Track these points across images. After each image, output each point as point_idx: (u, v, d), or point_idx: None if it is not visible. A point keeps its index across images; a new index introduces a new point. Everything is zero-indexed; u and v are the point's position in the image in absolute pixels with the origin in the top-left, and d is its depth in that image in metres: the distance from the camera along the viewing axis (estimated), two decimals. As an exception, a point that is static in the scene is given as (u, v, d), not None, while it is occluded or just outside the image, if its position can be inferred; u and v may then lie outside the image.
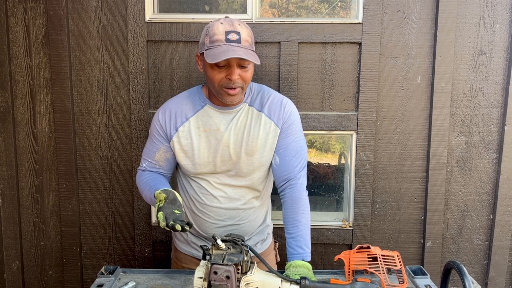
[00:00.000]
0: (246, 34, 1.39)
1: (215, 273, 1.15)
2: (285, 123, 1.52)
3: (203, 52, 1.40)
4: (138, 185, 1.58)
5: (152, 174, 1.56)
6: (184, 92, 1.59)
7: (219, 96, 1.44)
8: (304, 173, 1.54)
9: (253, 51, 1.41)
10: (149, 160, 1.57)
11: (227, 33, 1.36)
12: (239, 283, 1.19)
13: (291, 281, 1.22)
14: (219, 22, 1.39)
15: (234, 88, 1.39)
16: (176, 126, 1.51)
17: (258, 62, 1.37)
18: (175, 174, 1.66)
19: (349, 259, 1.31)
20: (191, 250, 1.66)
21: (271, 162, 1.55)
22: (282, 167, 1.52)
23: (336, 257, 1.34)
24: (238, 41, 1.36)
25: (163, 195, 1.31)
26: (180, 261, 1.69)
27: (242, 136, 1.50)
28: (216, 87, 1.41)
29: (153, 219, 2.18)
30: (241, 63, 1.37)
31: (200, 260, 1.60)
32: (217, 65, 1.37)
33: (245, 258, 1.21)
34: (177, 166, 1.61)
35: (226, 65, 1.37)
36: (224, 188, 1.54)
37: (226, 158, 1.51)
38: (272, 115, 1.52)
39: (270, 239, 1.77)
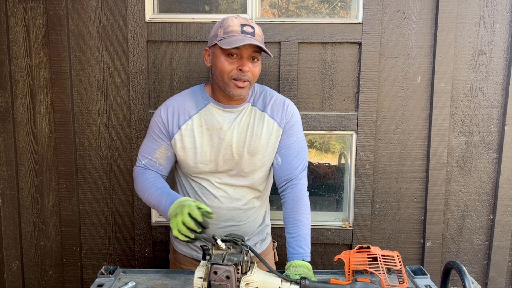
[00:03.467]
0: (259, 31, 1.43)
1: (215, 273, 1.15)
2: (288, 123, 1.53)
3: (213, 45, 1.42)
4: (138, 182, 1.51)
5: (156, 174, 1.52)
6: (186, 90, 1.58)
7: (227, 89, 1.42)
8: (305, 173, 1.54)
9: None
10: (149, 157, 1.54)
11: (242, 25, 1.39)
12: (239, 283, 1.19)
13: (291, 281, 1.22)
14: (233, 17, 1.42)
15: (244, 81, 1.40)
16: (179, 124, 1.50)
17: (271, 55, 1.41)
18: (174, 174, 1.65)
19: (349, 259, 1.31)
20: (190, 252, 1.65)
21: (273, 162, 1.56)
22: (284, 167, 1.52)
23: (336, 257, 1.34)
24: (253, 34, 1.39)
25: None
26: (179, 262, 1.69)
27: (245, 135, 1.50)
28: (225, 78, 1.41)
29: (153, 219, 2.18)
30: (253, 55, 1.40)
31: (199, 261, 1.60)
32: (229, 56, 1.39)
33: (245, 258, 1.21)
34: (176, 165, 1.61)
35: (238, 57, 1.39)
36: (225, 188, 1.54)
37: (229, 158, 1.50)
38: (275, 115, 1.52)
39: (269, 239, 1.77)
